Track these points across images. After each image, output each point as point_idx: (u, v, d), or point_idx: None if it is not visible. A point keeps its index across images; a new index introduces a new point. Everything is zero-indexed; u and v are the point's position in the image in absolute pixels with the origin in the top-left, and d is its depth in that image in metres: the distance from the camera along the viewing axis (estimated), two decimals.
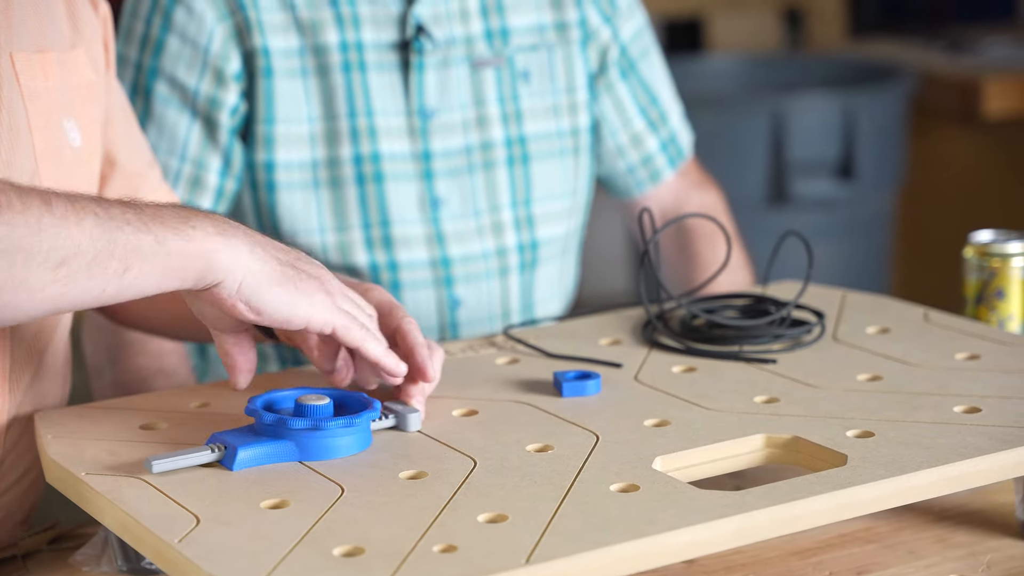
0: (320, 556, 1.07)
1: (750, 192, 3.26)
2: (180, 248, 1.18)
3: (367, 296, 1.36)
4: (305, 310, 1.22)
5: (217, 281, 1.20)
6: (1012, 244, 1.60)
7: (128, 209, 1.17)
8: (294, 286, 1.22)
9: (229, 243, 1.19)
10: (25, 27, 1.34)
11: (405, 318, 1.35)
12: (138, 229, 1.16)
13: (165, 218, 1.18)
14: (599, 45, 1.91)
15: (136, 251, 1.16)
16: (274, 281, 1.21)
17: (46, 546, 1.36)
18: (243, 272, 1.20)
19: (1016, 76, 3.48)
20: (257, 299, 1.21)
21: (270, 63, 1.75)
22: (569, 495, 1.15)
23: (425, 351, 1.32)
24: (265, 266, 1.21)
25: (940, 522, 1.37)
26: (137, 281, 1.17)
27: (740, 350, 1.47)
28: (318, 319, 1.23)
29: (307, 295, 1.22)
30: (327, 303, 1.24)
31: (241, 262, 1.20)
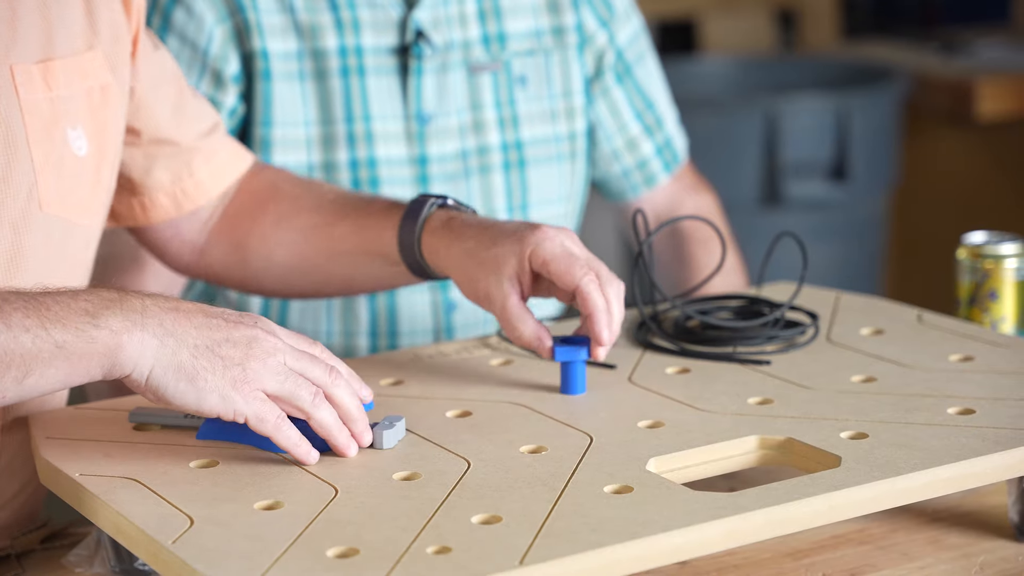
0: (314, 557, 1.07)
1: (743, 194, 3.26)
2: (81, 350, 1.17)
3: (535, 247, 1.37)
4: (213, 404, 1.20)
5: (125, 374, 1.19)
6: (1005, 246, 1.60)
7: (29, 313, 1.17)
8: (204, 380, 1.19)
9: (136, 338, 1.18)
10: (29, 37, 1.34)
11: (584, 277, 1.36)
12: (37, 336, 1.16)
13: (70, 319, 1.17)
14: (595, 49, 1.91)
15: (35, 358, 1.17)
16: (181, 375, 1.19)
17: (39, 545, 1.35)
18: (149, 366, 1.19)
19: (1009, 78, 3.48)
20: (163, 393, 1.20)
21: (268, 66, 1.75)
22: (563, 496, 1.15)
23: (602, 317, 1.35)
24: (174, 358, 1.19)
25: (933, 524, 1.37)
26: (39, 384, 1.18)
27: (734, 351, 1.47)
28: (227, 412, 1.20)
29: (216, 389, 1.19)
30: (240, 394, 1.20)
31: (147, 357, 1.19)
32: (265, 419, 1.21)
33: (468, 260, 1.40)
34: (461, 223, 1.42)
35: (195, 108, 1.54)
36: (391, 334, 1.83)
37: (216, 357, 1.20)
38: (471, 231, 1.41)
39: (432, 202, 1.45)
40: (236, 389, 1.20)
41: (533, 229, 1.38)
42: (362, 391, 1.27)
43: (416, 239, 1.44)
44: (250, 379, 1.20)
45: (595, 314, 1.36)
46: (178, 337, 1.20)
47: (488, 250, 1.39)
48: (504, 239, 1.38)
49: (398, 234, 1.46)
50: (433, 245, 1.43)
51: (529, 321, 1.38)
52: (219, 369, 1.20)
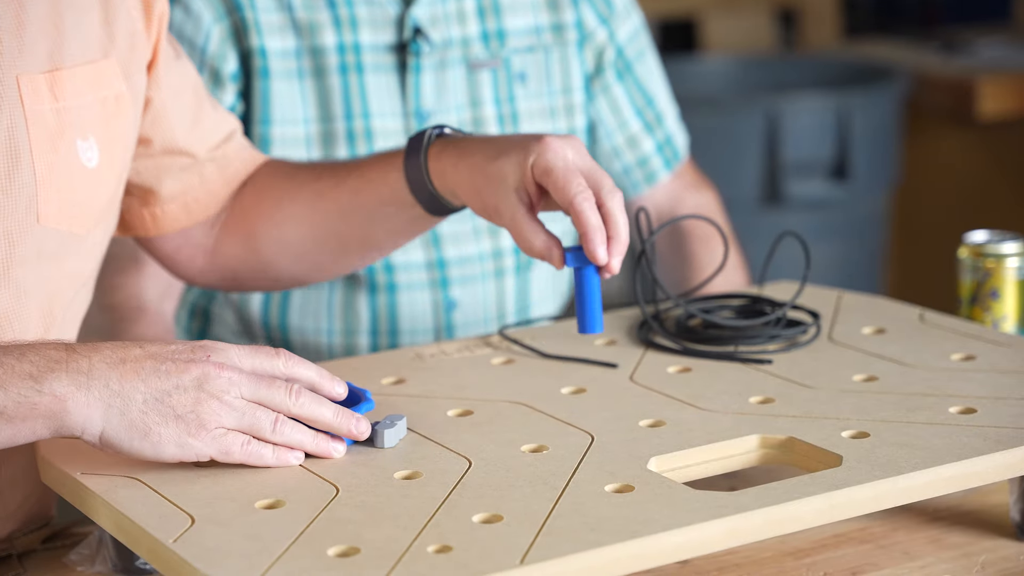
0: (315, 556, 1.07)
1: (744, 193, 3.26)
2: (23, 414, 1.17)
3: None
4: (172, 454, 1.19)
5: (73, 435, 1.19)
6: (1006, 245, 1.60)
7: None
8: (158, 434, 1.18)
9: (81, 402, 1.17)
10: (37, 46, 1.32)
11: (579, 195, 1.32)
12: None
13: (12, 383, 1.17)
14: (595, 46, 1.91)
15: None
16: (134, 433, 1.18)
17: (40, 545, 1.36)
18: (99, 428, 1.18)
19: (1010, 77, 3.48)
20: (120, 450, 1.19)
21: (267, 64, 1.75)
22: (564, 495, 1.15)
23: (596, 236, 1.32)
24: (124, 418, 1.18)
25: (934, 523, 1.37)
26: None
27: (736, 350, 1.47)
28: (189, 457, 1.20)
29: (172, 440, 1.18)
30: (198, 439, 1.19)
31: (95, 420, 1.18)
32: (231, 452, 1.20)
33: (475, 174, 1.38)
34: (466, 141, 1.41)
35: (213, 118, 1.53)
36: (391, 333, 1.83)
37: (167, 408, 1.19)
38: (476, 146, 1.40)
39: (430, 132, 1.44)
40: (192, 436, 1.19)
41: (538, 139, 1.35)
42: (335, 388, 1.25)
43: (424, 169, 1.42)
44: (205, 422, 1.19)
45: (588, 233, 1.31)
46: (125, 396, 1.18)
47: (493, 162, 1.37)
48: (509, 149, 1.36)
49: (404, 171, 1.43)
50: (440, 169, 1.41)
51: (540, 232, 1.35)
52: (171, 420, 1.19)
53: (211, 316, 1.89)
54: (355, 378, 1.39)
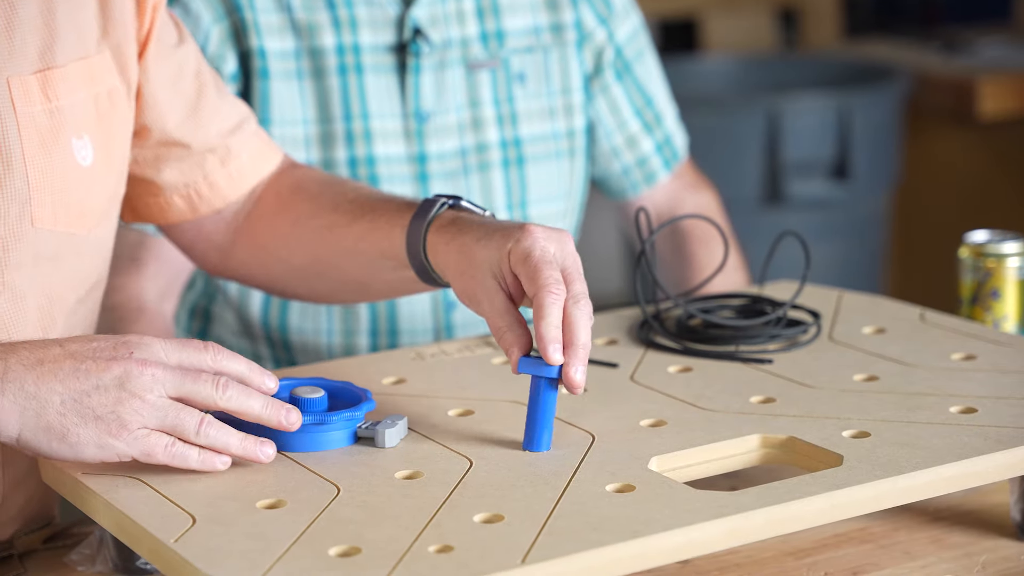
0: (316, 556, 1.07)
1: (745, 192, 3.26)
2: None
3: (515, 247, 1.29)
4: (92, 455, 1.17)
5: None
6: (1007, 244, 1.60)
7: None
8: (76, 436, 1.16)
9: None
10: (27, 46, 1.31)
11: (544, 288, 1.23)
12: None
13: None
14: (594, 46, 1.91)
15: None
16: (52, 436, 1.17)
17: (41, 545, 1.36)
18: (16, 431, 1.17)
19: (1011, 77, 3.49)
20: (39, 452, 1.18)
21: (266, 64, 1.75)
22: (565, 495, 1.15)
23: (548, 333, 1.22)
24: (40, 420, 1.17)
25: (935, 523, 1.37)
26: None
27: (736, 350, 1.47)
28: (111, 459, 1.18)
29: (91, 441, 1.17)
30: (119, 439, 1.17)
31: (11, 424, 1.17)
32: (153, 454, 1.18)
33: (461, 256, 1.32)
34: (466, 221, 1.36)
35: (216, 106, 1.50)
36: (391, 333, 1.83)
37: (86, 408, 1.17)
38: (471, 228, 1.34)
39: (443, 202, 1.39)
40: (113, 436, 1.17)
41: (521, 227, 1.28)
42: (265, 382, 1.23)
43: (422, 239, 1.38)
44: (127, 422, 1.17)
45: (541, 331, 1.23)
46: (41, 399, 1.17)
47: (477, 244, 1.31)
48: (494, 233, 1.30)
49: (406, 233, 1.39)
50: (435, 243, 1.37)
51: (511, 325, 1.26)
52: (90, 421, 1.17)
53: (211, 316, 1.89)
54: (356, 378, 1.39)
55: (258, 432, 1.23)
